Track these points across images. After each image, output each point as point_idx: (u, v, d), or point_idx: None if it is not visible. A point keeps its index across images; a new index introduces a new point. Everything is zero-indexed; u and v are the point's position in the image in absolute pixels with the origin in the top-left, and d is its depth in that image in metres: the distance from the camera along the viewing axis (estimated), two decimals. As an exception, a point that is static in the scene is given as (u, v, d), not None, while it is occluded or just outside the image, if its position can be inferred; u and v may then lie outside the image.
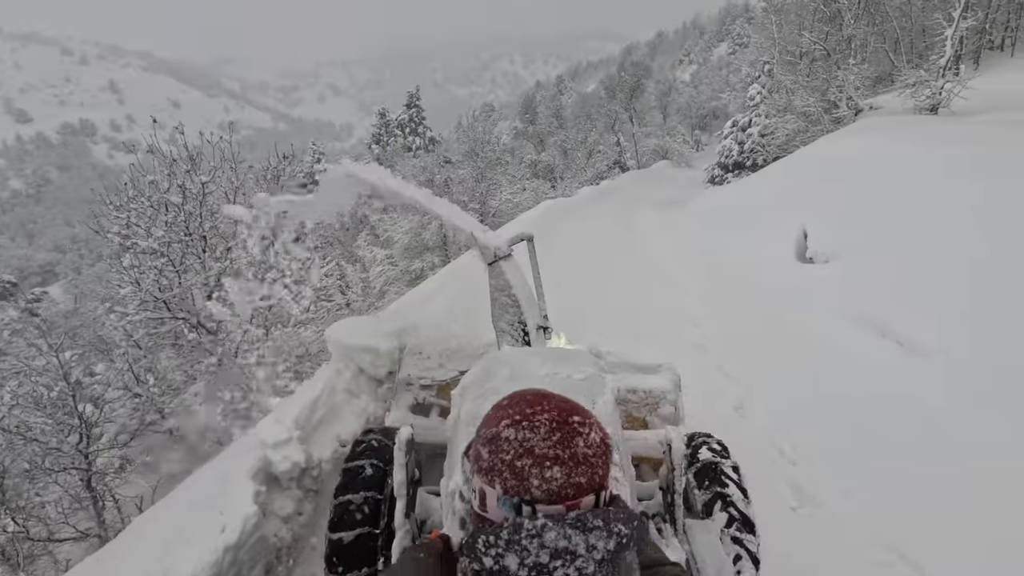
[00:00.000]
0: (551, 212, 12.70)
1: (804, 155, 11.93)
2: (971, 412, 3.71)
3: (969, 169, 7.06)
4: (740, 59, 33.78)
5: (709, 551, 1.78)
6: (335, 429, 3.03)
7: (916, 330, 4.75)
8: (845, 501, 3.09)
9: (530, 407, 0.81)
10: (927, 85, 12.47)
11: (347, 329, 3.45)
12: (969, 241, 5.76)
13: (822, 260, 6.93)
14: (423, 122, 30.63)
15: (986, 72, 14.47)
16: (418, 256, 15.76)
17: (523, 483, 0.75)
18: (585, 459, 0.77)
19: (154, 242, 4.82)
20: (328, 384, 3.17)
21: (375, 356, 3.35)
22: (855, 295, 5.88)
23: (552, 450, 0.76)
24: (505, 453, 0.76)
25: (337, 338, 3.36)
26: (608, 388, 1.85)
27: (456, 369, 3.02)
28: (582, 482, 0.76)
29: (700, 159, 32.77)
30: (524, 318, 2.83)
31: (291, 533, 2.44)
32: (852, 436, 3.69)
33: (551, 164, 30.44)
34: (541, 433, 0.77)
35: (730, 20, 61.37)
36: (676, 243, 11.00)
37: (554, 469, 0.75)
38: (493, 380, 1.84)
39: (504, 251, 2.89)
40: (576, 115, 37.70)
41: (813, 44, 14.92)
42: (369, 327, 3.47)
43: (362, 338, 3.35)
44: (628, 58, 54.93)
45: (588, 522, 0.72)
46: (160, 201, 5.01)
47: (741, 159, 17.43)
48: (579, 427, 0.79)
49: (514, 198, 17.89)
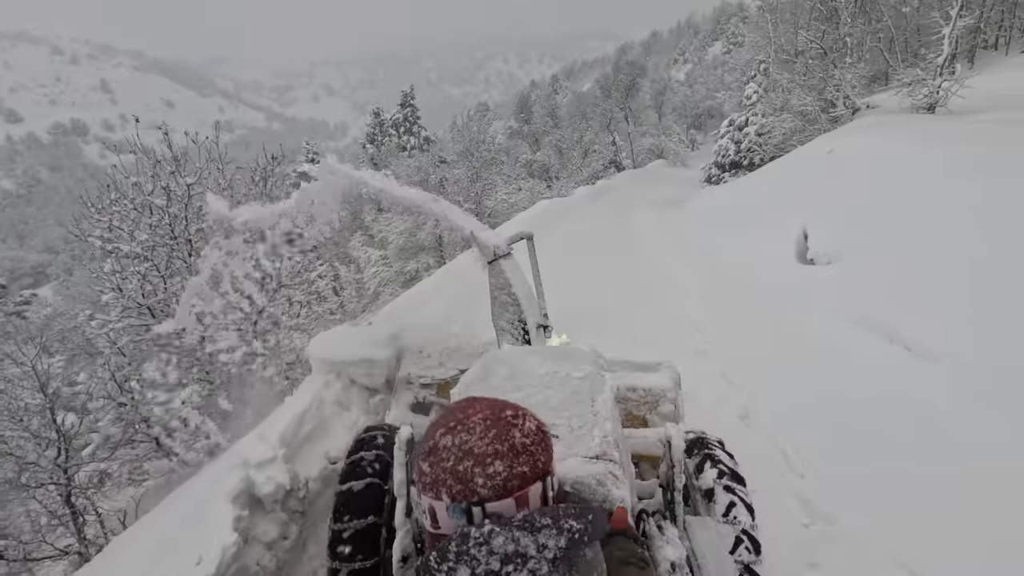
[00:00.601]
0: (547, 213, 12.56)
1: (802, 154, 11.83)
2: (980, 415, 3.61)
3: (970, 168, 6.97)
4: (736, 58, 33.73)
5: (710, 548, 1.77)
6: (323, 445, 2.87)
7: (924, 334, 4.63)
8: (859, 516, 2.97)
9: (462, 411, 0.83)
10: (924, 84, 12.41)
11: (334, 341, 3.29)
12: (971, 241, 5.66)
13: (823, 261, 6.82)
14: (417, 121, 30.43)
15: (982, 71, 14.42)
16: (413, 257, 15.60)
17: (468, 485, 0.75)
18: (524, 448, 0.78)
19: (137, 246, 4.65)
20: (316, 396, 3.01)
21: (370, 366, 3.20)
22: (858, 297, 5.77)
23: (491, 446, 0.77)
24: (446, 461, 0.77)
25: (322, 354, 3.20)
26: (607, 386, 1.85)
27: (456, 368, 3.00)
28: (525, 471, 0.77)
29: (695, 158, 32.76)
30: (524, 316, 2.82)
31: (275, 560, 2.28)
32: (861, 442, 3.57)
33: (547, 164, 30.30)
34: (477, 432, 0.78)
35: (725, 19, 61.42)
36: (675, 244, 10.89)
37: (496, 464, 0.76)
38: (492, 379, 1.86)
39: (504, 250, 2.88)
40: (571, 114, 37.55)
41: (810, 43, 14.83)
42: (359, 336, 3.32)
43: (354, 349, 3.20)
44: (623, 57, 54.81)
45: (536, 521, 0.72)
46: (144, 204, 4.84)
47: (738, 158, 17.33)
48: (512, 419, 0.81)
49: (510, 198, 17.74)
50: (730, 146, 17.50)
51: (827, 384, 4.36)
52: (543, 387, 1.80)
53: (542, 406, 1.71)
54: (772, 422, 3.90)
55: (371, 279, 17.17)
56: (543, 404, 1.72)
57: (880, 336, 5.00)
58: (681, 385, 2.80)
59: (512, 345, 2.68)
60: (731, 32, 49.38)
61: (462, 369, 2.90)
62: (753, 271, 7.53)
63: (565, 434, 1.58)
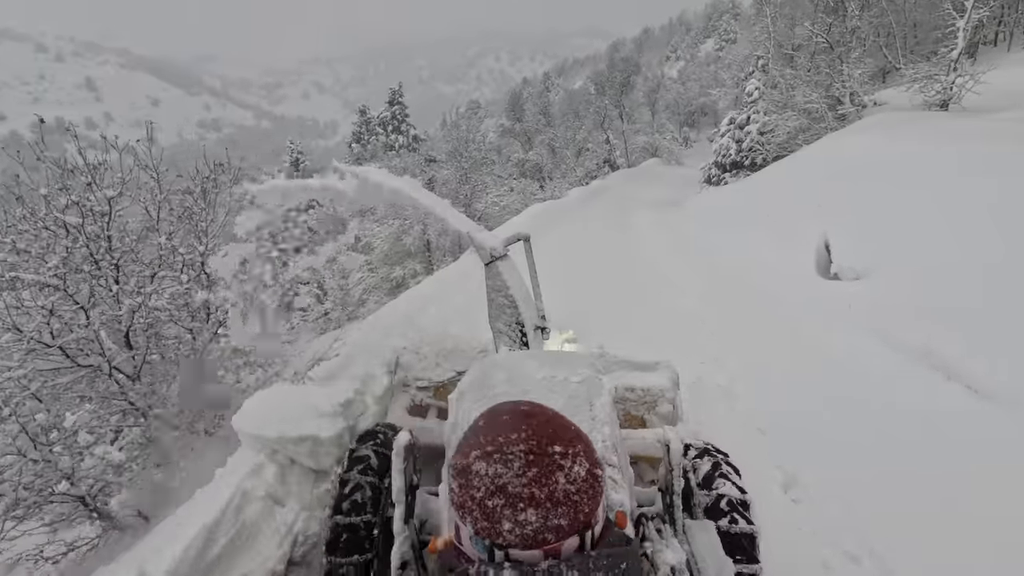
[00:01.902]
0: (540, 217, 11.82)
1: (812, 155, 11.16)
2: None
3: (1005, 170, 6.33)
4: (732, 55, 33.19)
5: (709, 551, 1.72)
6: (244, 565, 2.11)
7: (988, 371, 3.94)
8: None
9: (505, 433, 0.72)
10: (937, 80, 11.78)
11: (269, 408, 2.52)
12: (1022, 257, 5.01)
13: (850, 277, 6.12)
14: (406, 119, 29.57)
15: (986, 66, 13.84)
16: (399, 263, 14.79)
17: (494, 526, 0.68)
18: (566, 498, 0.68)
19: (47, 273, 3.84)
20: (238, 492, 2.25)
21: (314, 444, 2.45)
22: (897, 321, 5.07)
23: (527, 489, 0.68)
24: (475, 490, 0.70)
25: (252, 428, 2.44)
26: (605, 390, 1.87)
27: (452, 369, 2.98)
28: (562, 524, 0.68)
29: (689, 156, 32.26)
30: (521, 318, 2.80)
31: None
32: (936, 515, 2.86)
33: (539, 163, 29.53)
34: (515, 468, 0.69)
35: (717, 16, 60.97)
36: (676, 247, 10.18)
37: (528, 512, 0.67)
38: (490, 384, 1.86)
39: (500, 251, 2.84)
40: (564, 112, 36.94)
41: (815, 36, 14.15)
42: (302, 402, 2.55)
43: (295, 421, 2.44)
44: (616, 54, 54.18)
45: (562, 575, 0.66)
46: (59, 221, 4.03)
47: (739, 158, 16.64)
48: (560, 460, 0.70)
49: (501, 200, 16.96)
50: (731, 145, 16.79)
51: (887, 439, 3.64)
52: (541, 391, 1.80)
53: None
54: (822, 490, 3.16)
55: (356, 285, 16.35)
56: None
57: (929, 368, 4.30)
58: (680, 385, 2.77)
59: (509, 347, 2.75)
60: (723, 29, 48.93)
61: (459, 371, 2.90)
62: (774, 289, 6.81)
63: None
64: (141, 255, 4.26)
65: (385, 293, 15.29)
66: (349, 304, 16.55)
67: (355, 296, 16.30)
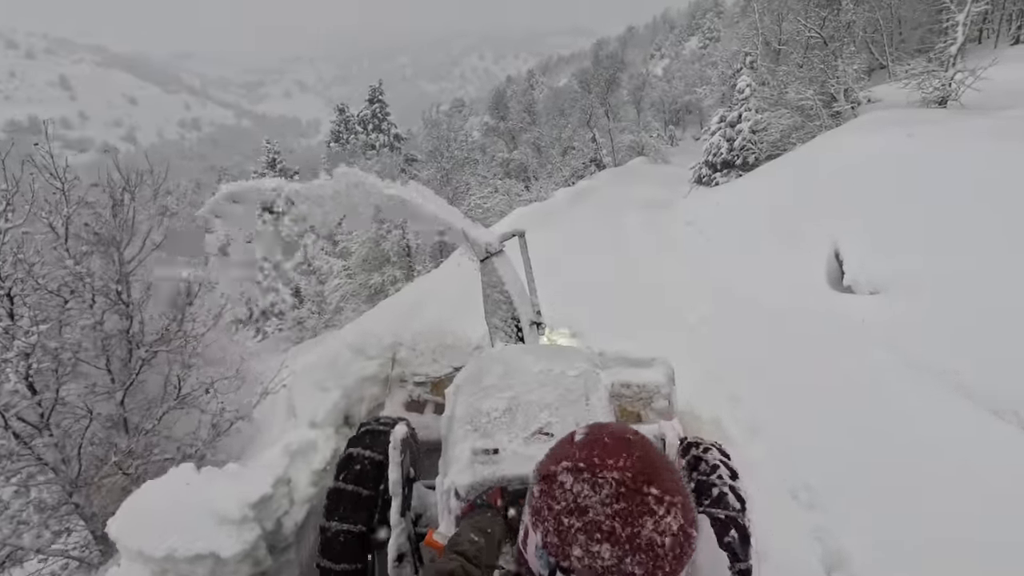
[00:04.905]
0: (525, 222, 11.16)
1: (811, 153, 10.64)
2: None
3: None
4: (719, 52, 32.86)
5: (703, 545, 1.29)
6: None
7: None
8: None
9: (602, 456, 0.66)
10: (935, 76, 11.37)
11: (157, 513, 1.83)
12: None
13: (866, 290, 5.57)
14: (387, 118, 28.77)
15: (982, 62, 13.49)
16: (377, 269, 14.04)
17: (564, 546, 0.63)
18: (649, 547, 0.61)
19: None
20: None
21: (216, 564, 1.78)
22: (923, 342, 4.53)
23: (608, 521, 0.62)
24: (555, 501, 0.65)
25: (134, 540, 1.76)
26: (602, 384, 1.90)
27: (449, 365, 2.99)
28: (635, 573, 0.61)
29: (675, 155, 31.83)
30: (517, 314, 2.80)
31: None
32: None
33: (524, 163, 28.88)
34: (601, 495, 0.63)
35: (700, 14, 60.84)
36: (673, 256, 9.61)
37: (603, 546, 0.61)
38: (487, 378, 1.90)
39: (496, 247, 2.86)
40: (549, 110, 36.29)
41: (809, 31, 13.70)
42: (200, 504, 1.86)
43: (187, 536, 1.77)
44: (600, 52, 53.71)
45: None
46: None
47: (731, 157, 16.15)
48: (654, 504, 0.63)
49: (484, 203, 16.28)
50: (722, 144, 16.29)
51: (931, 487, 3.07)
52: (537, 385, 1.81)
53: (536, 404, 1.74)
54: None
55: (333, 292, 15.56)
56: (537, 402, 1.74)
57: (978, 405, 3.75)
58: (675, 380, 2.78)
59: (505, 342, 2.74)
60: (707, 27, 48.73)
61: (456, 367, 2.89)
62: (784, 306, 6.22)
63: (559, 432, 1.52)
64: (45, 282, 3.54)
65: (363, 300, 14.53)
66: (326, 312, 15.77)
67: (332, 304, 15.51)
